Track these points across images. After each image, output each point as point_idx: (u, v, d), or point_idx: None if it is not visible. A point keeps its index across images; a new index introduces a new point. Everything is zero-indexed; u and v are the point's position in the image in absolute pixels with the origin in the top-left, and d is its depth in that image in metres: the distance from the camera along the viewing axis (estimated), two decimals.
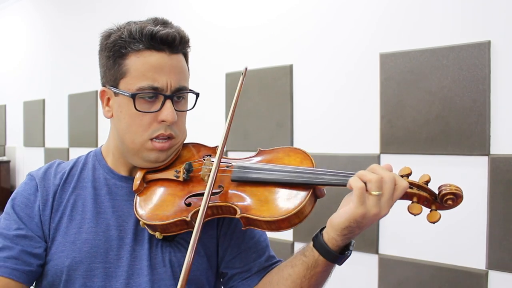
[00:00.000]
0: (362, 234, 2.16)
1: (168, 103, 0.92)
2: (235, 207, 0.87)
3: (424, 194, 0.81)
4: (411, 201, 0.82)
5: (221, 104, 2.51)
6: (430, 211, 0.81)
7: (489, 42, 1.65)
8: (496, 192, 1.64)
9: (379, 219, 0.81)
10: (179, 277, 0.93)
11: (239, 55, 2.46)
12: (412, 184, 0.82)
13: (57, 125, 3.79)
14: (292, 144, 2.21)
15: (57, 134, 3.79)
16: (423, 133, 1.79)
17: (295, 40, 2.23)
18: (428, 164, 1.79)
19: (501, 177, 1.63)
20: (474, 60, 1.67)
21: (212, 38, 2.58)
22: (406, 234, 1.85)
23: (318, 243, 0.84)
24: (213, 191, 0.88)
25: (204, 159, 0.98)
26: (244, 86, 0.95)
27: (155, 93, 0.91)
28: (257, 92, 2.32)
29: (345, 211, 0.79)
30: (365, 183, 0.78)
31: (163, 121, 0.92)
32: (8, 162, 4.46)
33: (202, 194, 0.91)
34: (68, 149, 3.66)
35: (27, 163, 4.25)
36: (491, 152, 1.65)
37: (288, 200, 0.85)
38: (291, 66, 2.23)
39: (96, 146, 3.33)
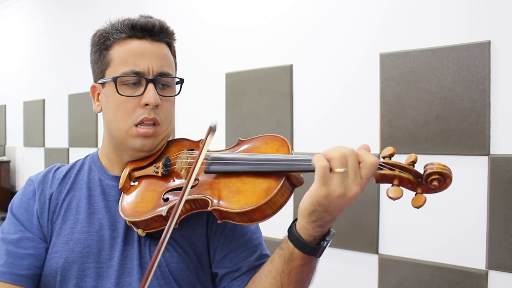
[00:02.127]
0: (362, 234, 2.16)
1: (151, 86, 0.93)
2: (208, 199, 0.84)
3: (406, 175, 0.72)
4: (391, 184, 0.73)
5: (221, 104, 2.51)
6: (415, 195, 0.71)
7: (489, 42, 1.65)
8: (496, 192, 1.64)
9: (350, 202, 0.73)
10: (167, 276, 0.92)
11: (239, 55, 2.45)
12: (393, 165, 0.73)
13: (57, 125, 3.79)
14: (292, 144, 2.21)
15: (57, 134, 3.79)
16: (423, 133, 1.79)
17: (295, 40, 2.23)
18: None
19: (501, 177, 1.63)
20: (474, 60, 1.67)
21: (212, 38, 2.58)
22: (406, 234, 1.85)
23: (292, 234, 0.79)
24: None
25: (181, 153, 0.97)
26: (244, 86, 0.95)
27: (137, 77, 0.93)
28: (257, 92, 2.32)
29: (309, 193, 0.74)
30: (329, 162, 0.73)
31: (146, 104, 0.93)
32: (8, 162, 4.47)
33: (178, 189, 0.91)
34: (68, 149, 3.66)
35: (27, 163, 4.25)
36: (491, 152, 1.65)
37: (259, 190, 0.80)
38: (291, 66, 2.23)
39: (96, 146, 3.33)
